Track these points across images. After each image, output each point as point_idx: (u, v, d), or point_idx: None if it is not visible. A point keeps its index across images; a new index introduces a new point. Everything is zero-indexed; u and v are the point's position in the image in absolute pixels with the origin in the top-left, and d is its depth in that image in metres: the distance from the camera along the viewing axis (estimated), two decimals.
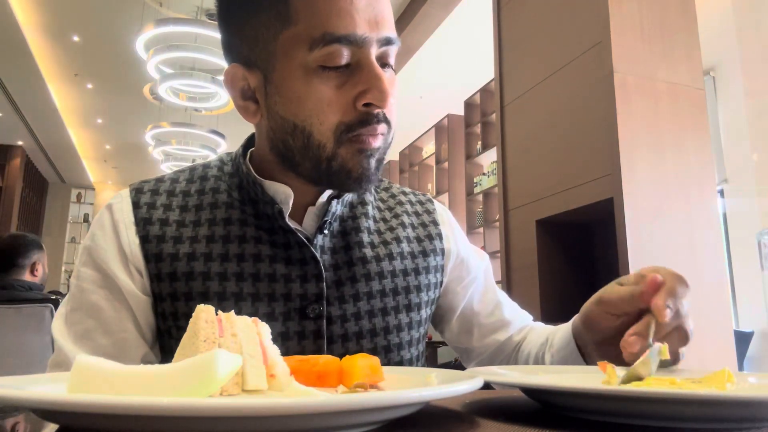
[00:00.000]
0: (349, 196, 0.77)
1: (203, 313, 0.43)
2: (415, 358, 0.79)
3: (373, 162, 0.67)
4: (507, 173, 3.14)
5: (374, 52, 0.65)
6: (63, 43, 6.31)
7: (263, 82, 0.67)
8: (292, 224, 0.71)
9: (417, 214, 0.84)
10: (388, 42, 0.66)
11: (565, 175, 2.66)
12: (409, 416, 0.40)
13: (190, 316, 0.69)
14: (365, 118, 0.64)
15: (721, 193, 4.91)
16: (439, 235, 0.83)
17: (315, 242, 0.71)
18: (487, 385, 0.46)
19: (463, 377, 0.44)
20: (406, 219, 0.82)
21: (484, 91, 6.25)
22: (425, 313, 0.79)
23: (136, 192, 0.75)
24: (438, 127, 7.40)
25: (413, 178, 8.12)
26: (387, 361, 0.74)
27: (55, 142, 9.59)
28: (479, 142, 6.45)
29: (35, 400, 0.31)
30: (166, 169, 8.46)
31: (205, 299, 0.67)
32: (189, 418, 0.29)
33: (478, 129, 6.45)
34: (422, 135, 7.85)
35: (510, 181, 3.12)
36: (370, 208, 0.80)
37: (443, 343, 3.01)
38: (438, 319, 0.89)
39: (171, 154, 8.25)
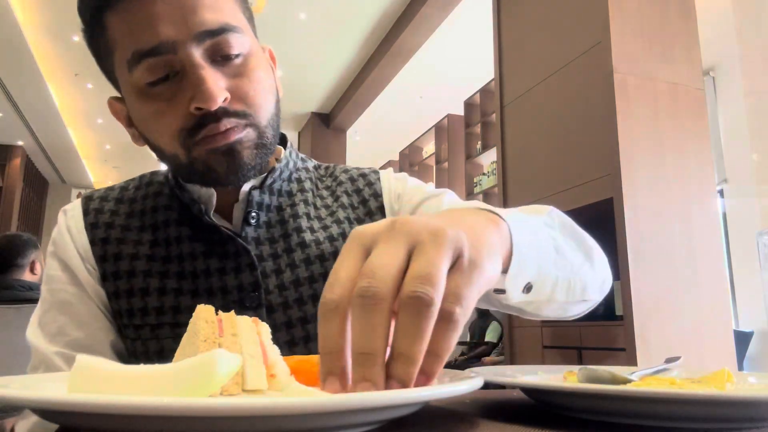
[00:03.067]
0: (277, 185, 0.77)
1: (203, 313, 0.43)
2: None
3: (245, 153, 0.66)
4: (507, 173, 3.14)
5: (196, 51, 0.62)
6: (63, 43, 6.30)
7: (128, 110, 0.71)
8: (217, 221, 0.73)
9: (357, 191, 0.82)
10: (212, 34, 0.63)
11: (565, 175, 2.66)
12: (409, 416, 0.40)
13: (133, 313, 0.69)
14: (201, 121, 0.64)
15: (721, 193, 4.91)
16: (380, 209, 0.80)
17: (244, 234, 0.73)
18: (487, 385, 0.46)
19: (463, 377, 0.44)
20: (345, 200, 0.81)
21: (484, 91, 6.25)
22: None
23: (86, 200, 0.80)
24: (438, 127, 7.40)
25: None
26: None
27: (55, 142, 9.58)
28: (479, 142, 6.44)
29: (35, 400, 0.31)
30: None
31: (146, 295, 0.70)
32: (189, 418, 0.29)
33: (478, 129, 6.44)
34: (422, 135, 7.84)
35: (510, 181, 3.12)
36: (310, 195, 0.80)
37: None
38: None
39: None
